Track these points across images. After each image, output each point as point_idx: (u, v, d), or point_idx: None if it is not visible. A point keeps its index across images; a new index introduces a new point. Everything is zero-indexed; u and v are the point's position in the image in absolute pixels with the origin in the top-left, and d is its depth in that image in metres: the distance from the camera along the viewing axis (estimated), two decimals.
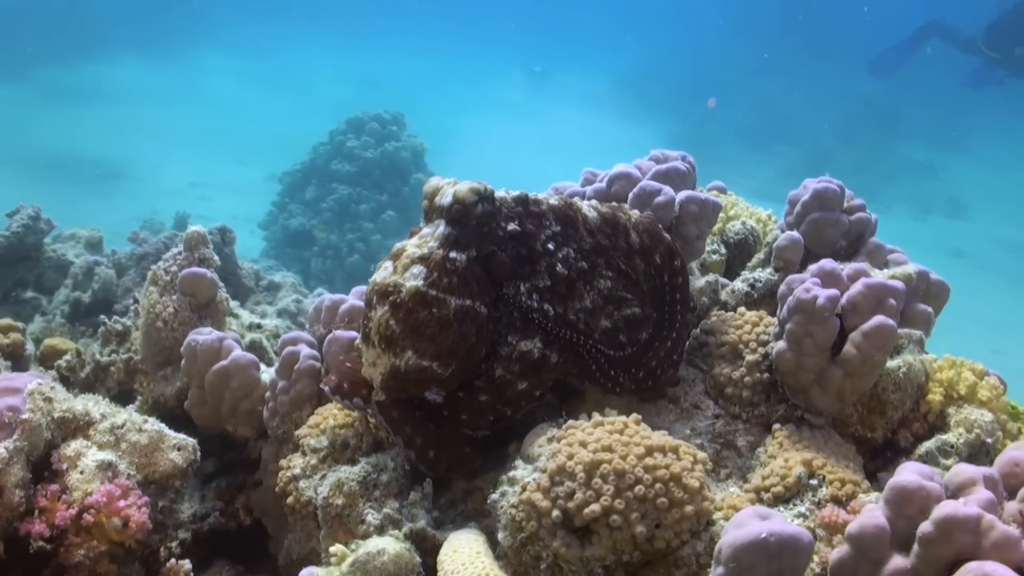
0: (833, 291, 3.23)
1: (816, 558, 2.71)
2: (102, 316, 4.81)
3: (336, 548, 3.04)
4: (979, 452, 3.44)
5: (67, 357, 4.69)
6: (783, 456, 3.16)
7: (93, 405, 3.60)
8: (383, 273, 3.06)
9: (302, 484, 3.45)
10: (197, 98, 29.13)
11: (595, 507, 2.57)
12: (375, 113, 16.60)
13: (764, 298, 3.90)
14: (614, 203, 3.68)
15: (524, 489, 2.73)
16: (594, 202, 3.47)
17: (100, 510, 3.27)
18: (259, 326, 4.74)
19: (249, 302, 7.64)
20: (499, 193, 3.19)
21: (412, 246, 3.05)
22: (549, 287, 3.16)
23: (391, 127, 16.41)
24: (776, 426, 3.32)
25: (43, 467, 3.36)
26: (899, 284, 3.34)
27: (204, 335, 3.95)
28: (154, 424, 3.65)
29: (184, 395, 4.20)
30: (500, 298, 3.09)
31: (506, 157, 26.32)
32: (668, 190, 3.57)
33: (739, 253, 4.32)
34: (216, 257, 4.45)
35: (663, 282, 3.43)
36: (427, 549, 2.95)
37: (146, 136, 23.71)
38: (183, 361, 4.00)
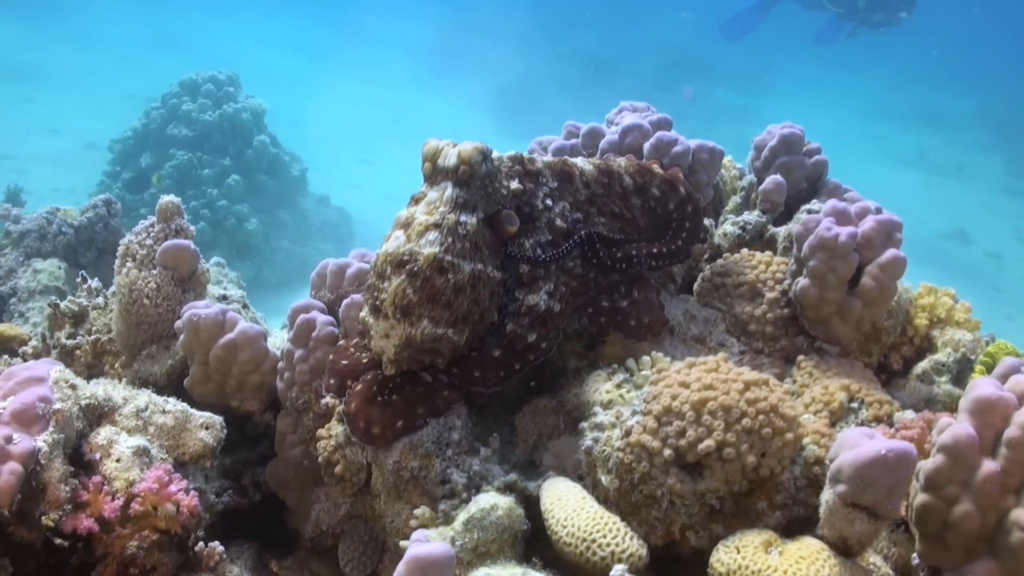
0: (852, 228, 3.47)
1: None
2: (53, 298, 4.48)
3: (422, 511, 3.05)
4: (965, 368, 3.80)
5: (33, 343, 4.35)
6: (819, 384, 3.40)
7: (112, 389, 3.42)
8: (395, 243, 3.02)
9: (349, 452, 3.40)
10: None
11: (709, 442, 2.70)
12: (209, 74, 15.88)
13: (754, 239, 4.12)
14: (609, 154, 3.80)
15: (629, 433, 2.82)
16: (593, 159, 3.59)
17: (147, 498, 3.12)
18: (225, 297, 4.55)
19: None
20: (494, 153, 3.23)
21: (422, 213, 3.04)
22: (550, 241, 3.25)
23: (228, 88, 15.77)
24: (800, 357, 3.55)
25: (74, 458, 3.16)
26: (899, 218, 3.62)
27: (205, 308, 3.78)
28: (176, 404, 3.50)
29: (176, 373, 4.02)
30: (507, 256, 3.16)
31: (339, 114, 25.84)
32: (683, 139, 3.72)
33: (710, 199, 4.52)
34: (192, 227, 4.23)
35: (668, 210, 3.58)
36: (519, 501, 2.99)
37: None
38: (182, 337, 3.81)
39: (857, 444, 2.62)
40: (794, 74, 32.80)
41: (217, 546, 3.41)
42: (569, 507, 2.77)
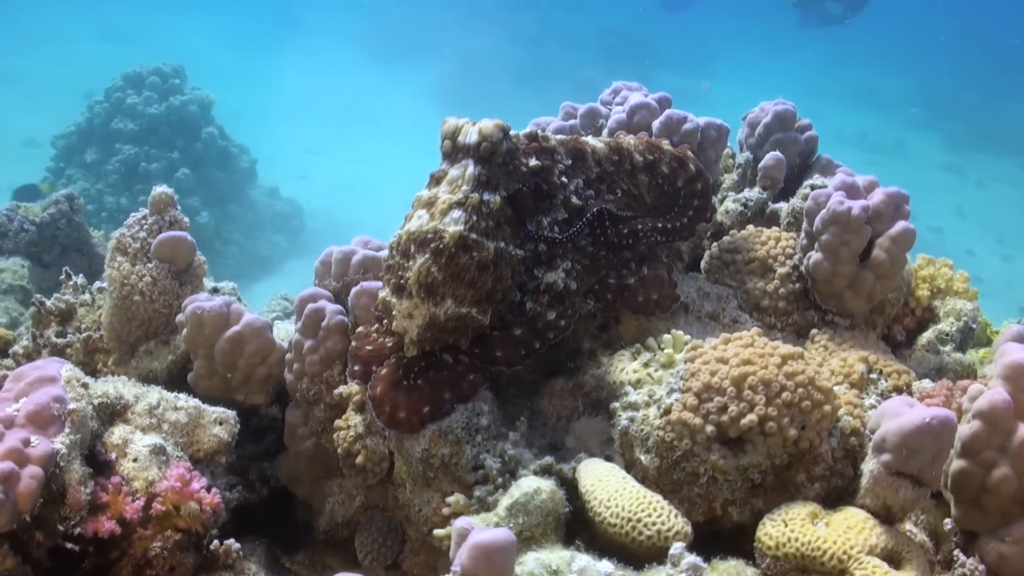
0: (864, 202, 3.50)
1: None
2: (37, 296, 4.32)
3: (455, 498, 3.01)
4: (968, 337, 3.87)
5: (24, 343, 4.20)
6: (836, 356, 3.42)
7: (122, 386, 3.32)
8: (418, 222, 2.99)
9: (370, 441, 3.34)
10: None
11: (752, 417, 2.70)
12: (154, 66, 15.54)
13: (756, 216, 4.14)
14: (620, 132, 3.78)
15: (669, 411, 2.81)
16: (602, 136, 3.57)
17: (169, 497, 3.04)
18: (217, 290, 4.44)
19: None
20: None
21: (444, 192, 3.01)
22: (565, 219, 3.25)
23: (174, 80, 15.45)
24: (814, 331, 3.58)
25: (89, 459, 3.06)
26: (906, 191, 3.65)
27: (209, 301, 3.68)
28: (188, 399, 3.41)
29: (177, 369, 3.91)
30: (526, 235, 3.14)
31: (282, 105, 25.50)
32: (693, 117, 3.71)
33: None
34: (186, 218, 4.11)
35: (677, 187, 3.58)
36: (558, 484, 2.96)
37: None
38: (185, 331, 3.71)
39: (899, 413, 2.64)
40: (735, 57, 33.14)
41: (233, 544, 3.33)
42: (611, 488, 2.75)
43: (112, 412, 3.21)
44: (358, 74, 30.14)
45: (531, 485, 2.74)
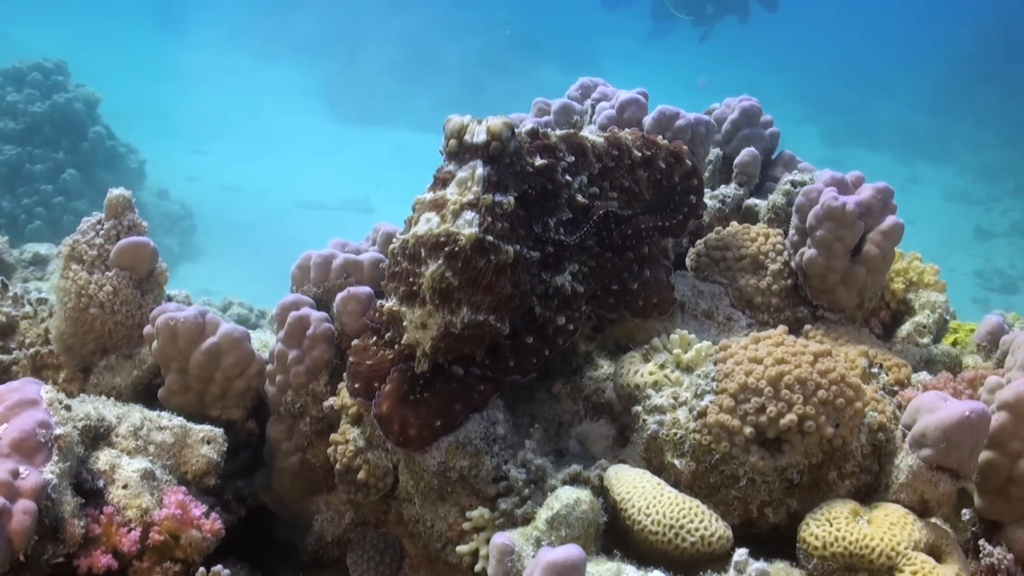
0: (857, 197, 3.52)
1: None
2: None
3: (479, 512, 2.90)
4: (942, 327, 3.95)
5: None
6: (837, 351, 3.43)
7: (101, 406, 3.07)
8: (427, 225, 2.78)
9: (372, 456, 3.18)
10: None
11: (791, 416, 2.66)
12: (35, 62, 14.62)
13: (733, 212, 4.14)
14: (613, 128, 3.72)
15: (704, 414, 2.75)
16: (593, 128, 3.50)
17: (167, 525, 2.82)
18: (170, 297, 4.17)
19: (15, 279, 6.61)
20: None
21: (454, 193, 2.83)
22: (570, 219, 3.15)
23: (56, 77, 14.58)
24: (807, 327, 3.58)
25: (76, 487, 2.80)
26: (891, 186, 3.70)
27: (181, 311, 3.44)
28: (172, 418, 3.19)
29: (144, 384, 3.66)
30: (535, 238, 3.03)
31: (164, 104, 24.56)
32: (685, 113, 3.67)
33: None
34: (144, 222, 3.83)
35: (673, 183, 3.53)
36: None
37: None
38: (155, 343, 3.46)
39: (936, 408, 2.65)
40: (619, 53, 33.60)
41: (222, 570, 3.11)
42: (648, 495, 2.68)
43: (95, 435, 2.96)
44: (241, 71, 29.26)
45: (571, 496, 2.63)
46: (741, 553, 2.42)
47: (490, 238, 2.77)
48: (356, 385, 3.09)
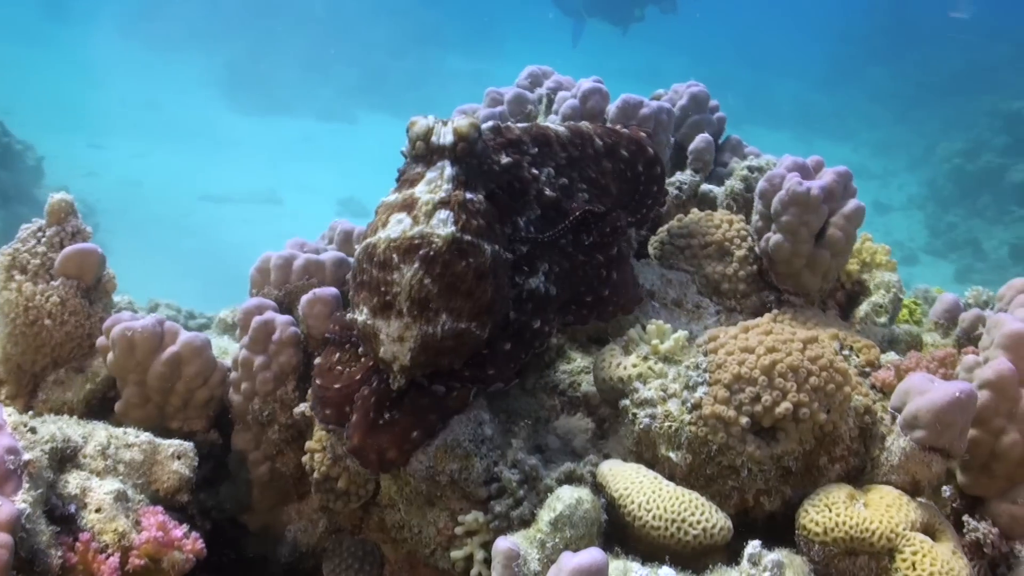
0: (821, 182, 3.55)
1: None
2: None
3: (473, 516, 2.84)
4: (897, 306, 4.03)
5: None
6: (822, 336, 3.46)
7: (65, 426, 2.90)
8: (399, 227, 2.63)
9: (351, 463, 3.08)
10: None
11: (786, 404, 2.67)
12: None
13: (690, 199, 4.15)
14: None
15: (699, 406, 2.74)
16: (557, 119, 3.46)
17: (148, 549, 2.68)
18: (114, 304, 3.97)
19: None
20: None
21: (424, 191, 2.70)
22: (540, 216, 3.08)
23: None
24: (775, 311, 3.61)
25: (47, 514, 2.64)
26: (849, 169, 3.75)
27: (137, 320, 3.27)
28: (139, 434, 3.03)
29: (97, 398, 3.48)
30: (507, 238, 2.94)
31: (56, 98, 23.55)
32: (649, 102, 3.65)
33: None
34: (88, 227, 3.62)
35: (637, 172, 3.51)
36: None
37: None
38: (111, 355, 3.29)
39: (926, 390, 2.70)
40: (522, 38, 33.62)
41: None
42: (647, 489, 2.66)
43: (62, 457, 2.79)
44: (136, 62, 28.27)
45: (572, 496, 2.59)
46: (755, 545, 2.41)
47: (468, 237, 2.63)
48: (327, 411, 2.94)
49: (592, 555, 2.12)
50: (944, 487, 3.00)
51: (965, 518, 2.89)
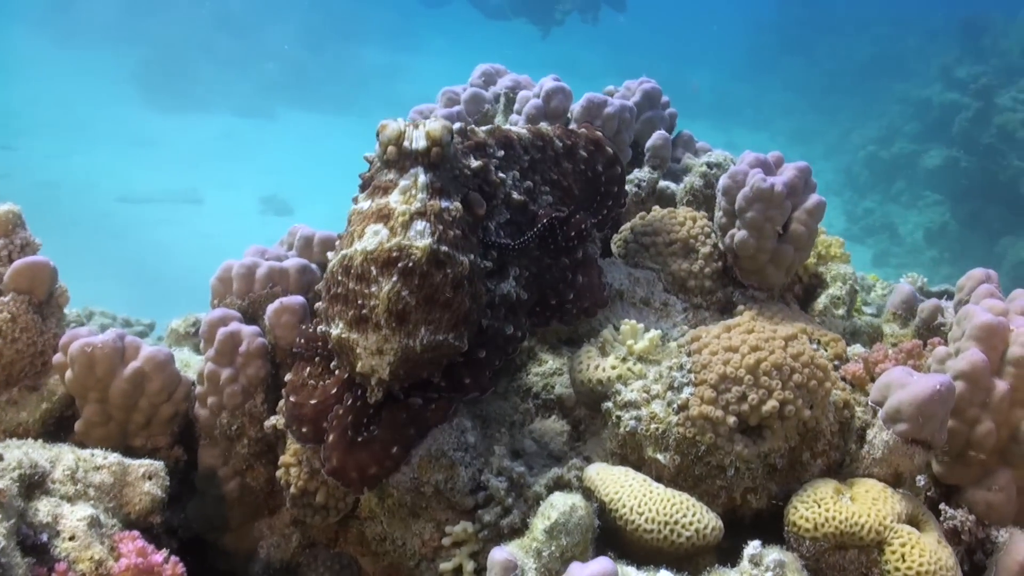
0: (783, 178, 3.59)
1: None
2: None
3: (462, 527, 2.81)
4: (853, 298, 4.10)
5: None
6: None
7: (30, 450, 2.76)
8: (376, 238, 2.58)
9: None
10: None
11: (773, 403, 2.69)
12: None
13: (649, 196, 4.15)
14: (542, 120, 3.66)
15: (685, 407, 2.74)
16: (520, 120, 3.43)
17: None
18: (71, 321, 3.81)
19: None
20: None
21: (398, 202, 2.64)
22: (509, 219, 3.06)
23: None
24: (741, 307, 3.64)
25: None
26: (809, 164, 3.79)
27: (96, 336, 3.14)
28: (108, 455, 2.91)
29: (54, 418, 3.33)
30: (480, 244, 2.90)
31: None
32: (613, 100, 3.64)
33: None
34: (38, 239, 3.47)
35: (597, 173, 3.50)
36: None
37: None
38: (69, 372, 3.15)
39: (907, 383, 2.74)
40: (439, 31, 33.45)
41: None
42: (638, 493, 2.65)
43: (31, 484, 2.65)
44: (45, 60, 27.30)
45: (566, 503, 2.56)
46: (755, 545, 2.43)
47: (445, 248, 2.60)
48: (303, 430, 2.87)
49: (603, 565, 2.10)
50: (919, 476, 3.06)
51: (942, 507, 2.95)
